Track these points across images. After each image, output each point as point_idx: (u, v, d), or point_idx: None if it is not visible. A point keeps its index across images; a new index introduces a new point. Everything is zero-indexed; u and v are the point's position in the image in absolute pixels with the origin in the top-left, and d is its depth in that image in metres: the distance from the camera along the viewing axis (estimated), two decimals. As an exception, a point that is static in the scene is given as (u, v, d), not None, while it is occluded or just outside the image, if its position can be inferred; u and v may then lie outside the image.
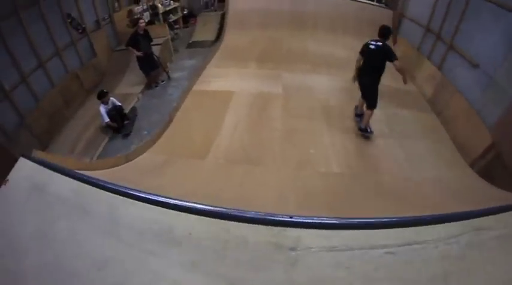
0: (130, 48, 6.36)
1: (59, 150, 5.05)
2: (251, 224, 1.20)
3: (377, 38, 4.39)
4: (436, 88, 6.07)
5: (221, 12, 10.59)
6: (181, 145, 4.24)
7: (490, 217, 1.23)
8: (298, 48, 7.45)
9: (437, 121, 5.27)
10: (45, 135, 5.26)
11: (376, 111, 4.55)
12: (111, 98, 5.46)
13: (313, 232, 1.18)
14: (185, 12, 11.95)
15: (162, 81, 6.98)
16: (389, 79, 5.37)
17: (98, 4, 7.40)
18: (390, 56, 4.19)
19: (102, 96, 5.36)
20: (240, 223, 1.20)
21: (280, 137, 4.36)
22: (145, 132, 5.27)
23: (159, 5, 9.77)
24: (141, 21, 6.66)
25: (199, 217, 1.24)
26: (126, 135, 5.33)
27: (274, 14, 8.26)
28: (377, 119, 4.78)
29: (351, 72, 4.96)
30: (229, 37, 7.94)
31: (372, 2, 9.41)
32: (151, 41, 6.76)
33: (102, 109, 5.26)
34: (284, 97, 5.35)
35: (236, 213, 1.24)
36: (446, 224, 1.19)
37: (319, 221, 1.24)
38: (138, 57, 6.38)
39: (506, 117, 4.21)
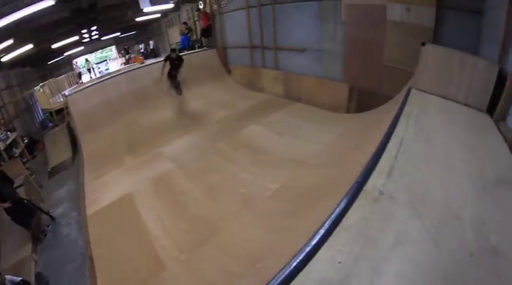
0: None
1: None
2: None
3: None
4: (284, 84, 7.60)
5: (65, 124, 9.93)
6: (128, 273, 3.67)
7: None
8: (156, 121, 7.61)
9: (303, 105, 6.63)
10: None
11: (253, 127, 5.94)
12: (6, 277, 4.20)
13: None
14: (26, 141, 10.65)
15: (48, 226, 5.96)
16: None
17: None
18: None
19: None
20: None
21: (208, 199, 4.40)
22: None
23: None
24: None
25: None
26: None
27: (117, 100, 8.19)
28: (261, 132, 5.80)
29: (214, 115, 6.57)
30: (86, 144, 7.31)
31: (194, 51, 10.58)
32: (13, 183, 5.72)
33: None
34: (179, 168, 5.38)
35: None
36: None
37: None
38: (6, 210, 5.28)
39: (345, 66, 6.01)
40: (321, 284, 1.21)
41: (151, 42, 20.45)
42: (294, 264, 1.37)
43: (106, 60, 22.28)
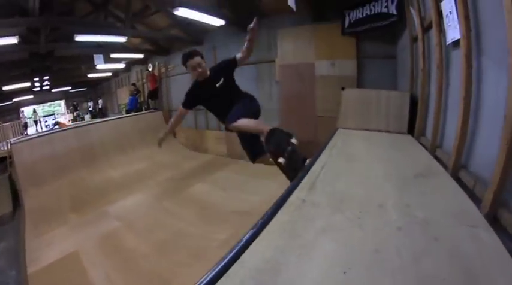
0: None
1: None
2: None
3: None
4: (226, 144, 8.22)
5: (7, 174, 9.34)
6: None
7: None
8: (102, 180, 7.69)
9: (246, 162, 6.99)
10: None
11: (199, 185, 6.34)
12: None
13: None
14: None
15: (-19, 288, 5.44)
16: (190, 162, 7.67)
17: None
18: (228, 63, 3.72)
19: None
20: None
21: (157, 257, 4.50)
22: None
23: None
24: None
25: None
26: None
27: (63, 156, 8.14)
28: (207, 190, 6.12)
29: (159, 176, 6.98)
30: (28, 199, 7.06)
31: (141, 112, 11.03)
32: None
33: None
34: (126, 226, 5.47)
35: None
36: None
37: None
38: None
39: (281, 122, 6.57)
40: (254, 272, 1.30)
41: (100, 101, 20.41)
42: (229, 257, 1.47)
43: (54, 114, 21.82)
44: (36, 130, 16.70)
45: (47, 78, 14.60)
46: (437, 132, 3.16)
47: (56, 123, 17.86)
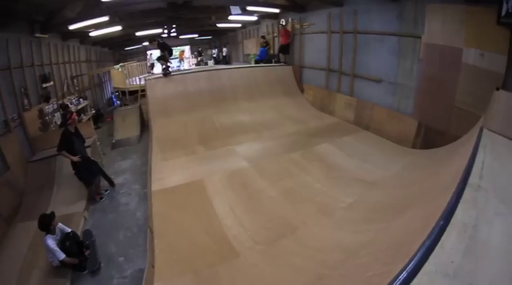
0: (64, 152, 5.20)
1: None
2: None
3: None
4: (355, 111, 7.61)
5: (138, 105, 10.39)
6: (194, 254, 3.52)
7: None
8: (230, 121, 7.73)
9: (371, 134, 6.70)
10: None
11: (325, 145, 5.96)
12: (59, 224, 4.15)
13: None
14: (93, 111, 11.28)
15: (106, 191, 6.02)
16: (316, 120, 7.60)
17: (6, 99, 6.12)
18: None
19: (48, 223, 3.91)
20: None
21: (284, 200, 4.29)
22: (122, 258, 4.20)
23: (70, 104, 8.94)
24: (75, 113, 5.74)
25: None
26: (96, 270, 3.99)
27: (194, 95, 8.46)
28: (333, 151, 5.75)
29: (286, 128, 6.83)
30: (157, 127, 7.53)
31: (271, 64, 10.82)
32: (85, 141, 5.81)
33: (50, 241, 3.82)
34: (254, 167, 5.31)
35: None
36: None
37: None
38: (74, 164, 5.32)
39: (417, 102, 5.98)
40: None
41: (224, 49, 21.21)
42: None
43: (178, 57, 23.30)
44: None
45: (175, 25, 15.55)
46: None
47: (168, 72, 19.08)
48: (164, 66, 8.98)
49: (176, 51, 23.42)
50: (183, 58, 22.77)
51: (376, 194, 4.17)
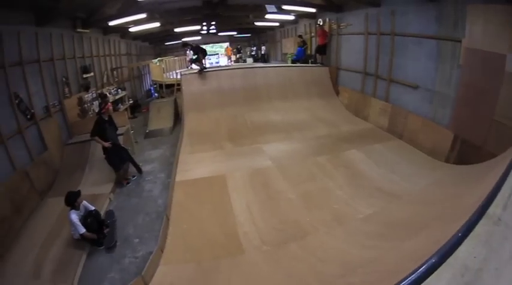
0: (97, 138, 5.52)
1: (16, 275, 3.76)
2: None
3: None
4: (390, 118, 7.19)
5: (173, 98, 10.72)
6: (203, 244, 3.66)
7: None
8: (262, 120, 7.76)
9: (404, 143, 6.29)
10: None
11: (354, 151, 5.78)
12: (84, 201, 4.43)
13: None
14: (130, 101, 11.80)
15: (133, 177, 6.24)
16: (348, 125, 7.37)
17: (49, 87, 6.60)
18: None
19: (73, 200, 4.22)
20: None
21: (301, 204, 4.25)
22: (137, 240, 4.34)
23: (108, 94, 9.40)
24: (109, 103, 6.03)
25: None
26: (111, 247, 4.23)
27: (228, 92, 8.59)
28: (361, 158, 5.54)
29: (317, 130, 6.57)
30: (189, 121, 7.80)
31: (308, 65, 10.67)
32: (117, 129, 6.11)
33: (74, 216, 4.10)
34: (277, 167, 5.31)
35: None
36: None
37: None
38: (105, 149, 5.61)
39: (455, 112, 5.45)
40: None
41: (263, 47, 21.30)
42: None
43: (218, 54, 23.75)
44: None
45: (213, 23, 15.76)
46: None
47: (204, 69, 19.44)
48: (200, 68, 9.22)
49: (217, 48, 23.96)
50: (231, 55, 22.91)
51: (396, 209, 3.99)
